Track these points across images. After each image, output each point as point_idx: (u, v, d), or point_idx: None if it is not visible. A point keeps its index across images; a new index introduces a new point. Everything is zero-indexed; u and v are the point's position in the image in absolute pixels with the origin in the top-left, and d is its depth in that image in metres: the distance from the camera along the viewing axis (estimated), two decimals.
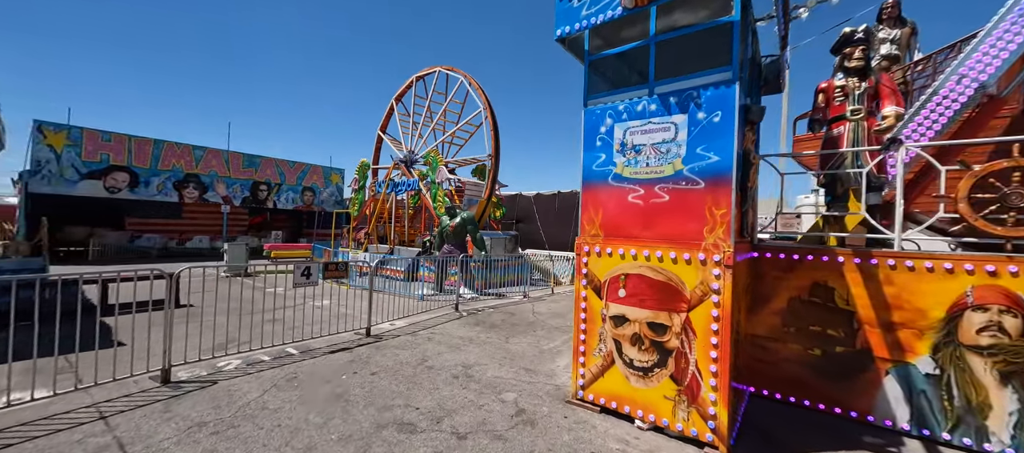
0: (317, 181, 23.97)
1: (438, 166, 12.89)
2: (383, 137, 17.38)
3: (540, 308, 9.21)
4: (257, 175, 21.34)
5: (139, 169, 17.45)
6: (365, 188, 16.37)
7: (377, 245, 14.92)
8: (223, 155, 20.08)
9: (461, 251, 10.66)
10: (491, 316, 8.15)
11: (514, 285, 11.78)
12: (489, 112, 13.30)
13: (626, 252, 3.78)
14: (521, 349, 6.00)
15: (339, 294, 8.87)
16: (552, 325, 7.57)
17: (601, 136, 4.03)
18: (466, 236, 10.92)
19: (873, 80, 4.18)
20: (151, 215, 20.11)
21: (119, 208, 18.80)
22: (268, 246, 18.77)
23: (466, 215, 10.75)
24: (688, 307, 3.46)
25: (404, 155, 15.21)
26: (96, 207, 17.64)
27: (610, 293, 3.89)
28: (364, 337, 6.28)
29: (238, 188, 20.60)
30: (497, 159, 13.04)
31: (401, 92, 16.89)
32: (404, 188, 14.25)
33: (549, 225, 15.44)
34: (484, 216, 13.20)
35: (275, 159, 22.05)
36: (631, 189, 3.80)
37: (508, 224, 16.38)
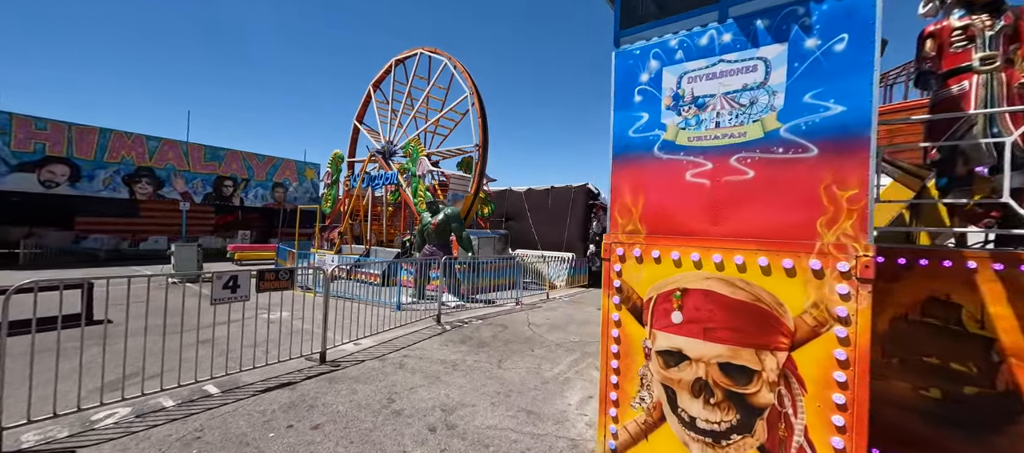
0: (290, 176, 22.22)
1: (419, 157, 11.51)
2: (359, 127, 15.89)
3: (536, 318, 7.95)
4: (221, 169, 19.52)
5: (82, 161, 15.54)
6: (339, 183, 14.85)
7: (351, 246, 13.43)
8: (181, 147, 18.23)
9: (444, 252, 9.32)
10: (479, 330, 6.84)
11: (505, 290, 10.50)
12: (476, 97, 11.98)
13: (683, 256, 2.54)
14: (518, 377, 4.71)
15: (303, 304, 7.45)
16: (552, 341, 6.31)
17: (642, 87, 2.77)
18: (450, 235, 9.58)
19: (1011, 16, 3.03)
20: (104, 213, 18.12)
21: (66, 205, 16.81)
22: (232, 247, 17.07)
23: (450, 212, 9.41)
24: (790, 343, 2.23)
25: (382, 146, 13.77)
26: (36, 204, 15.66)
27: (658, 317, 2.63)
28: (317, 365, 4.91)
29: (199, 183, 18.77)
30: (485, 150, 11.73)
31: (379, 77, 15.42)
32: (381, 182, 12.81)
33: (542, 223, 14.20)
34: (471, 213, 11.88)
35: (242, 152, 20.25)
36: (691, 163, 2.55)
37: (497, 222, 15.08)
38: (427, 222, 9.48)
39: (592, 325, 7.55)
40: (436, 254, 9.31)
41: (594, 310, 9.11)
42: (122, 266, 15.02)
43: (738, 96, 2.43)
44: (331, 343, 5.44)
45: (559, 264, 12.97)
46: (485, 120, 11.84)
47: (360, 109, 15.95)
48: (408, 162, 11.87)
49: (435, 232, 9.33)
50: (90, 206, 17.60)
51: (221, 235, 21.36)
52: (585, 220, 13.26)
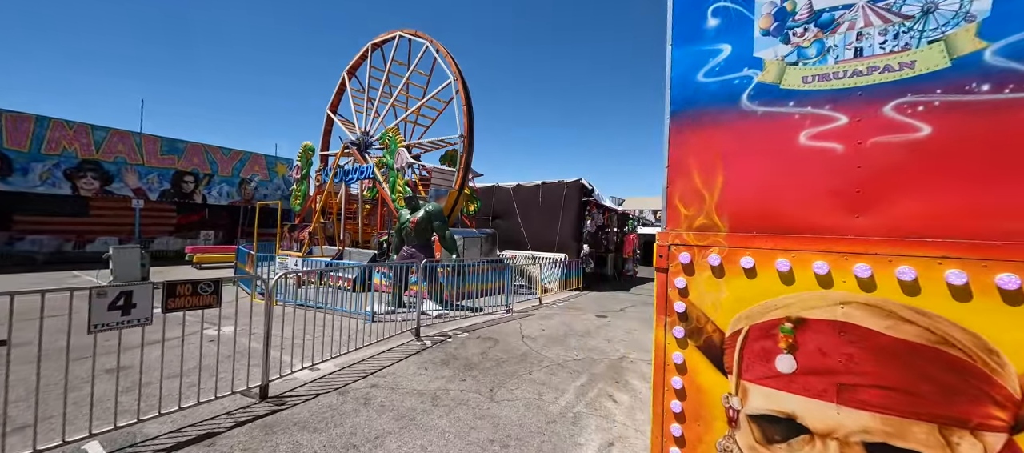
0: (259, 172, 20.64)
1: (397, 149, 10.38)
2: (333, 118, 14.61)
3: (530, 328, 6.97)
4: (181, 164, 17.85)
5: (14, 153, 13.77)
6: (310, 178, 13.56)
7: (323, 247, 12.18)
8: (134, 138, 16.53)
9: (426, 254, 8.24)
10: (465, 345, 5.81)
11: (493, 295, 9.49)
12: (460, 84, 10.91)
13: (798, 267, 1.58)
14: (516, 415, 3.71)
15: (260, 314, 6.26)
16: (552, 359, 5.34)
17: (720, 4, 1.80)
18: (432, 235, 8.52)
19: None
20: (47, 212, 16.27)
21: (3, 203, 14.97)
22: (191, 249, 15.53)
23: (432, 208, 8.35)
24: (1013, 419, 1.29)
25: (357, 138, 12.55)
26: None
27: (751, 361, 1.67)
28: (255, 403, 3.80)
29: (155, 179, 17.08)
30: (470, 141, 10.68)
31: (354, 64, 14.18)
32: (356, 177, 11.61)
33: (532, 221, 13.24)
34: (455, 211, 10.81)
35: (204, 145, 18.60)
36: (809, 117, 1.60)
37: (483, 221, 14.05)
38: (405, 220, 8.39)
39: (594, 337, 6.62)
40: (416, 256, 8.23)
41: (594, 317, 8.18)
42: (61, 270, 13.37)
43: (897, 2, 1.49)
44: (282, 369, 4.33)
45: (551, 266, 12.03)
46: (470, 108, 10.79)
47: (334, 98, 14.67)
48: (385, 155, 10.72)
49: (414, 231, 8.24)
50: (32, 204, 15.77)
51: (183, 236, 19.67)
52: (578, 218, 12.36)
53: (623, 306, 9.76)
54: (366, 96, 13.16)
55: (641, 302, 10.48)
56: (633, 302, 10.41)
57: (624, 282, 14.81)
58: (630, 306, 9.83)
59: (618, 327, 7.42)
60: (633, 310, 9.26)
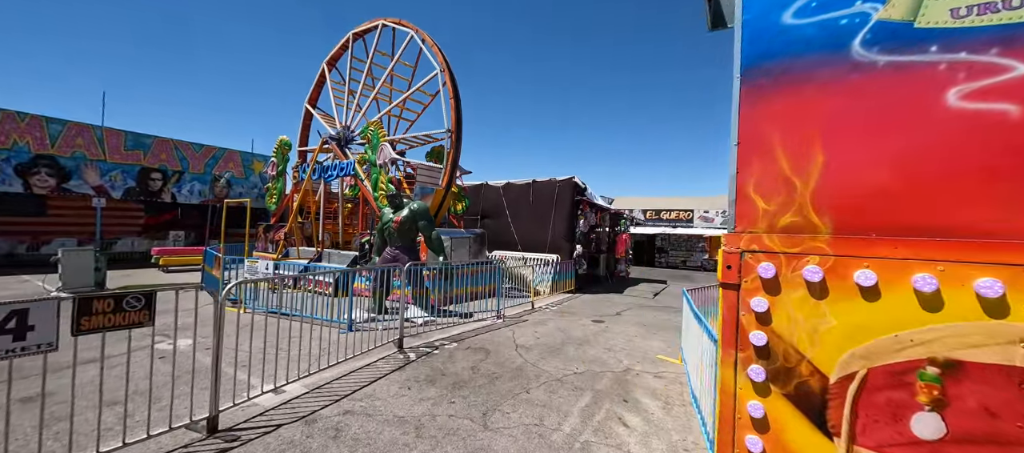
0: (234, 169, 19.57)
1: (380, 144, 9.72)
2: (312, 111, 13.82)
3: (524, 336, 6.43)
4: (147, 160, 16.72)
5: None
6: (286, 174, 12.76)
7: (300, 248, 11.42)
8: (95, 132, 15.36)
9: (410, 256, 7.63)
10: (454, 358, 5.24)
11: (482, 298, 8.93)
12: (448, 76, 10.31)
13: (949, 285, 1.08)
14: (515, 448, 3.18)
15: (228, 323, 5.56)
16: (550, 373, 4.82)
17: None
18: (417, 236, 7.91)
19: None
20: (3, 211, 15.00)
21: None
22: (157, 251, 14.52)
23: (417, 207, 7.74)
24: None
25: (337, 131, 11.82)
26: None
27: (872, 421, 1.16)
28: (202, 439, 3.17)
29: (118, 176, 15.92)
30: (458, 136, 10.10)
31: (334, 54, 13.43)
32: (335, 173, 10.89)
33: (522, 221, 12.72)
34: (442, 209, 10.22)
35: (173, 140, 17.47)
36: (962, 66, 1.10)
37: (472, 220, 13.47)
38: (388, 220, 7.76)
39: (593, 345, 6.13)
40: (399, 258, 7.61)
41: (590, 323, 7.71)
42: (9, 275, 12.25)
43: None
44: (239, 394, 3.71)
45: (543, 268, 11.54)
46: (458, 101, 10.20)
47: (313, 90, 13.88)
48: (367, 150, 10.05)
49: (398, 232, 7.62)
50: None
51: (152, 237, 18.50)
52: (571, 218, 11.89)
53: (619, 310, 9.32)
54: (347, 88, 12.43)
55: (637, 305, 10.07)
56: (628, 305, 9.98)
57: (617, 283, 14.42)
58: (626, 310, 9.40)
59: (617, 334, 6.95)
60: (630, 314, 8.82)
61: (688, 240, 23.81)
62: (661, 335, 7.01)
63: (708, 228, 22.44)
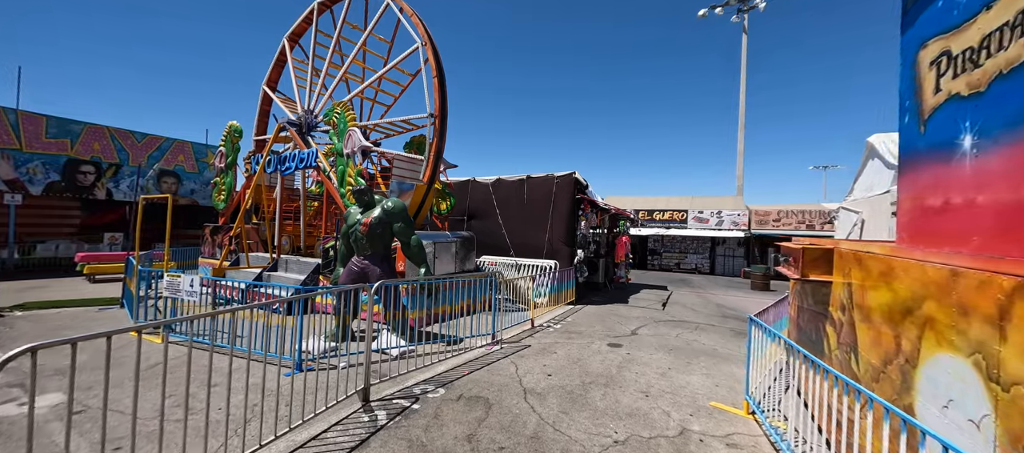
0: (184, 163, 17.30)
1: (348, 129, 8.04)
2: (270, 94, 11.92)
3: (530, 373, 4.95)
4: (76, 150, 14.36)
5: None
6: (237, 166, 10.86)
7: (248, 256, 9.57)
8: (8, 116, 12.97)
9: (383, 269, 6.03)
10: (441, 419, 3.71)
11: (472, 314, 7.40)
12: (430, 51, 8.72)
13: None
14: None
15: (124, 365, 3.91)
16: (582, 442, 3.35)
17: None
18: (391, 241, 6.30)
19: None
20: None
21: None
22: (81, 257, 12.30)
23: (391, 205, 6.13)
24: None
25: (297, 116, 10.03)
26: None
27: None
28: None
29: (38, 168, 13.55)
30: (443, 122, 8.51)
31: (297, 28, 11.60)
32: (294, 165, 9.12)
33: (514, 222, 11.24)
34: (424, 209, 8.61)
35: (108, 128, 15.12)
36: None
37: (457, 221, 11.90)
38: (355, 221, 6.11)
39: (623, 387, 4.70)
40: (368, 272, 5.99)
41: (605, 347, 6.29)
42: None
43: None
44: None
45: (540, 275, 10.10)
46: (443, 81, 8.62)
47: (272, 70, 11.99)
48: (331, 136, 8.34)
49: (367, 236, 5.99)
50: None
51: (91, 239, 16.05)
52: (571, 219, 10.48)
53: (633, 327, 7.96)
54: (310, 67, 10.63)
55: (650, 319, 8.74)
56: (641, 320, 8.64)
57: (617, 291, 13.12)
58: (641, 326, 8.05)
59: (645, 365, 5.55)
60: (647, 333, 7.47)
61: (681, 242, 22.86)
62: (698, 366, 5.65)
63: (703, 230, 21.51)
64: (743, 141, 28.43)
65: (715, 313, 9.99)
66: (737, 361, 5.91)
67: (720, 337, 7.44)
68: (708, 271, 21.82)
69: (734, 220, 21.19)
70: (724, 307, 11.01)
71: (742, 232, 20.56)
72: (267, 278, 8.94)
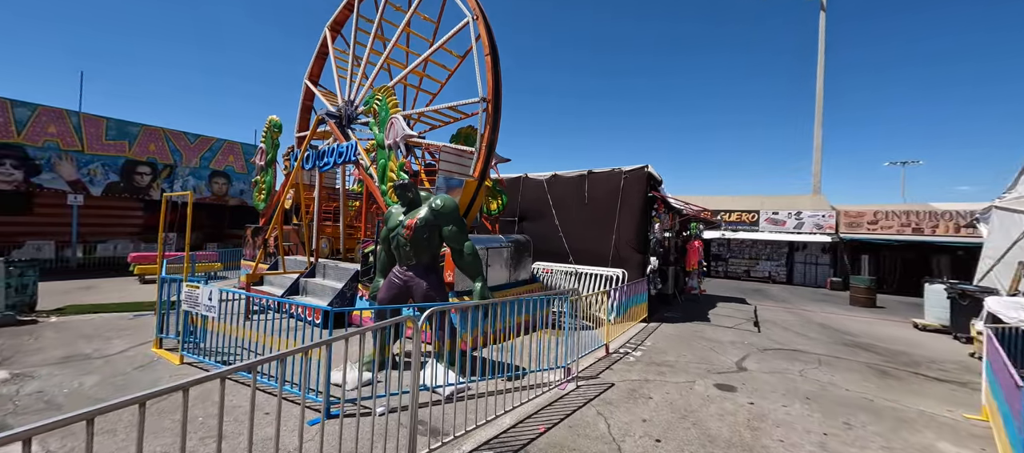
0: (234, 163, 17.40)
1: (390, 117, 7.01)
2: (312, 88, 11.28)
3: (625, 429, 3.56)
4: (133, 152, 14.63)
5: None
6: (276, 163, 10.25)
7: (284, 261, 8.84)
8: (71, 118, 13.32)
9: (429, 282, 4.85)
10: None
11: (530, 331, 6.06)
12: (483, 25, 7.53)
13: None
14: None
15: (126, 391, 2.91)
16: None
17: None
18: (438, 246, 5.10)
19: None
20: None
21: None
22: (133, 257, 12.29)
23: (440, 204, 4.94)
24: None
25: (337, 108, 9.21)
26: None
27: None
28: None
29: (98, 169, 13.86)
30: (497, 107, 7.28)
31: (338, 16, 10.86)
32: (333, 160, 8.26)
33: (573, 224, 9.83)
34: (473, 210, 7.41)
35: (163, 129, 15.36)
36: None
37: (507, 223, 10.67)
38: (397, 223, 4.98)
39: None
40: (412, 286, 4.84)
41: (712, 387, 4.73)
42: None
43: None
44: None
45: (606, 287, 8.63)
46: (496, 60, 7.40)
47: (314, 62, 11.36)
48: (372, 124, 7.36)
49: (411, 242, 4.84)
50: None
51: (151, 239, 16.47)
52: (643, 220, 8.92)
53: (735, 357, 6.31)
54: (351, 56, 9.81)
55: (750, 345, 7.01)
56: (739, 345, 6.94)
57: (689, 303, 11.34)
58: (744, 356, 6.38)
59: (786, 425, 3.97)
60: (758, 367, 5.80)
61: (751, 246, 20.35)
62: (866, 432, 3.98)
63: (779, 233, 18.95)
64: (821, 133, 25.27)
65: (828, 337, 8.05)
66: (922, 424, 4.18)
67: (860, 378, 5.64)
68: (784, 280, 19.19)
69: (817, 222, 18.49)
70: (832, 328, 8.98)
71: (828, 236, 17.84)
72: (304, 285, 8.14)
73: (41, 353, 5.30)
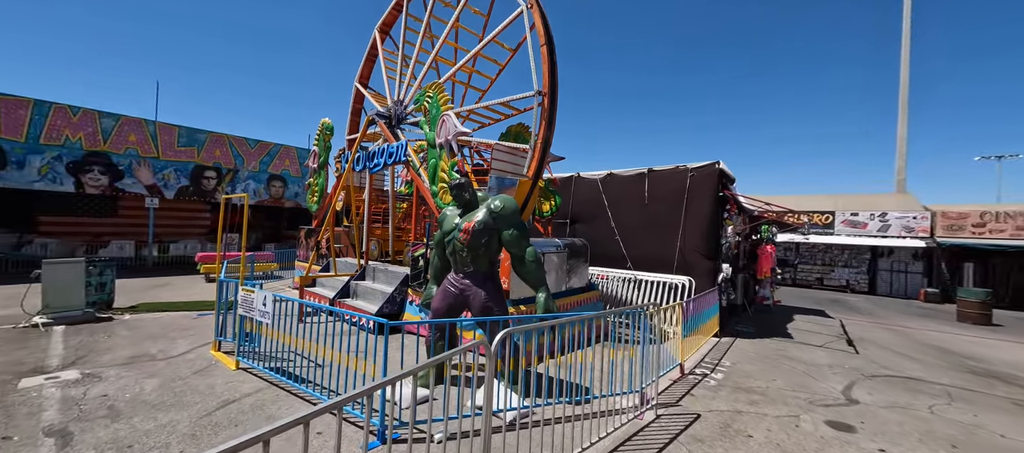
0: (290, 167, 18.12)
1: (441, 114, 6.69)
2: (363, 91, 11.30)
3: None
4: (201, 157, 15.57)
5: (8, 143, 11.82)
6: (329, 166, 10.33)
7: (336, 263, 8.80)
8: (148, 127, 14.35)
9: (488, 291, 4.41)
10: None
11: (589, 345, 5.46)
12: (537, 12, 7.03)
13: None
14: None
15: (181, 407, 2.79)
16: None
17: None
18: (497, 252, 4.64)
19: None
20: (74, 211, 14.63)
21: (28, 201, 13.41)
22: (200, 256, 12.97)
23: (500, 205, 4.48)
24: None
25: (387, 109, 9.08)
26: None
27: None
28: None
29: (172, 174, 14.86)
30: (552, 101, 6.75)
31: (387, 17, 10.79)
32: (382, 161, 8.09)
33: (631, 226, 9.08)
34: (527, 211, 6.92)
35: (228, 136, 16.25)
36: None
37: (558, 226, 10.10)
38: (453, 227, 4.58)
39: None
40: (469, 294, 4.42)
41: (831, 432, 3.89)
42: None
43: None
44: None
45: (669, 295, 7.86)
46: (552, 50, 6.87)
47: (364, 65, 11.39)
48: (422, 125, 7.07)
49: (468, 247, 4.42)
50: (57, 203, 14.10)
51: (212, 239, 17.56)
52: (712, 223, 8.02)
53: (839, 384, 5.35)
54: (400, 55, 9.67)
55: (852, 369, 5.97)
56: (838, 369, 5.92)
57: (761, 315, 10.20)
58: (850, 383, 5.40)
59: None
60: (872, 399, 4.84)
61: (824, 251, 18.36)
62: None
63: (859, 236, 16.93)
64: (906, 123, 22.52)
65: (946, 362, 6.77)
66: None
67: (1011, 419, 4.54)
68: (866, 290, 17.09)
69: (906, 224, 16.32)
70: (948, 351, 7.60)
71: (920, 240, 15.66)
72: (354, 287, 8.03)
73: (111, 353, 5.43)
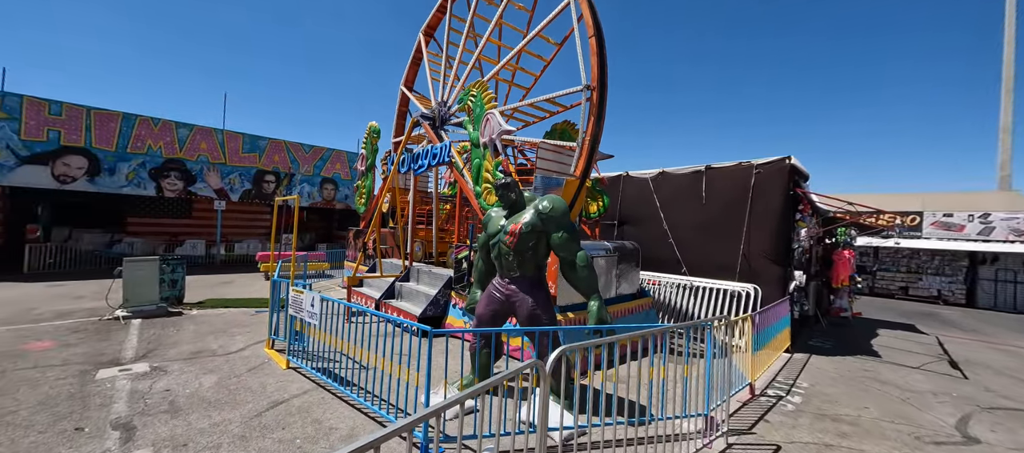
0: (340, 170, 18.90)
1: (485, 112, 6.50)
2: (408, 95, 11.45)
3: None
4: (262, 162, 16.62)
5: (101, 152, 13.21)
6: (376, 168, 10.53)
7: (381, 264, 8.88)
8: (217, 135, 15.52)
9: (536, 298, 4.12)
10: None
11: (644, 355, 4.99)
12: (585, 5, 6.66)
13: None
14: None
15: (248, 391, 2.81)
16: None
17: None
18: (545, 255, 4.34)
19: None
20: (155, 213, 16.24)
21: (117, 204, 15.09)
22: (260, 256, 13.77)
23: (548, 206, 4.19)
24: None
25: (431, 110, 9.07)
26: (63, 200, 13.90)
27: None
28: None
29: (236, 178, 15.97)
30: (602, 96, 6.33)
31: (432, 20, 10.85)
32: (426, 162, 8.06)
33: (687, 228, 8.42)
34: (574, 212, 6.54)
35: (285, 142, 17.23)
36: None
37: (606, 228, 9.61)
38: (499, 229, 4.35)
39: None
40: (516, 301, 4.15)
41: None
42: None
43: None
44: None
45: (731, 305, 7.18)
46: (601, 42, 6.47)
47: (409, 69, 11.54)
48: (466, 125, 6.93)
49: (515, 250, 4.15)
50: (139, 206, 15.71)
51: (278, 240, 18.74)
52: (782, 225, 7.21)
53: (952, 417, 4.50)
54: (444, 57, 9.64)
55: (964, 398, 5.03)
56: (947, 397, 5.01)
57: (837, 329, 9.09)
58: (965, 415, 4.54)
59: None
60: (990, 431, 4.00)
61: (908, 257, 16.26)
62: None
63: (956, 239, 14.82)
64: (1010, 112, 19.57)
65: None
66: None
67: None
68: (963, 301, 14.90)
69: (1015, 227, 14.07)
70: None
71: None
72: (399, 289, 8.06)
73: (177, 347, 5.74)
